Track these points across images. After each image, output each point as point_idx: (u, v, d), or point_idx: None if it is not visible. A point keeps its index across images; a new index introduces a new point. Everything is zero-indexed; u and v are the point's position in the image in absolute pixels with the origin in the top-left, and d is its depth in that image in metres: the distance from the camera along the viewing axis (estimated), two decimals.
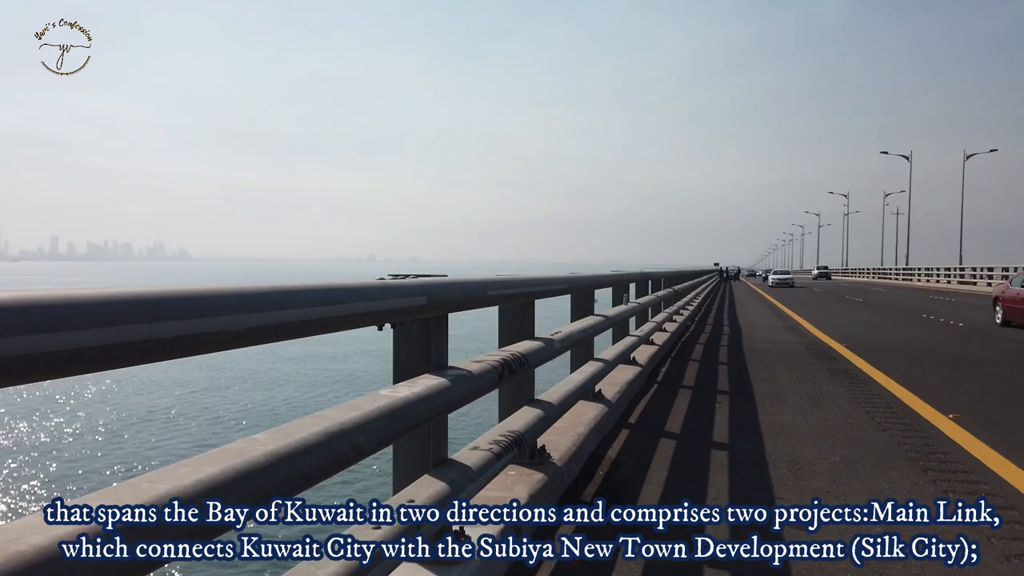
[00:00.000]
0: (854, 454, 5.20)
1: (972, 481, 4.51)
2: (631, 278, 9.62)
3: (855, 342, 12.98)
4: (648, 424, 6.33)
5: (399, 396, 2.38)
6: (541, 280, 4.35)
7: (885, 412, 6.69)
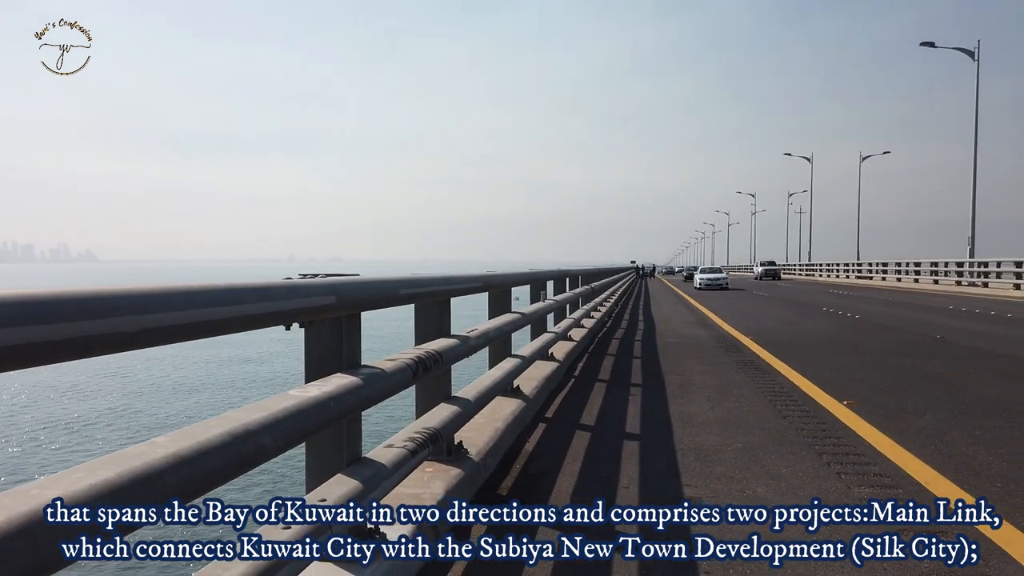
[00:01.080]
0: (756, 440, 5.46)
1: (863, 463, 4.82)
2: (548, 276, 9.77)
3: (760, 335, 13.56)
4: (565, 417, 6.46)
5: (309, 396, 2.37)
6: (456, 279, 4.39)
7: (786, 401, 7.05)
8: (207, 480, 1.73)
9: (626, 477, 4.60)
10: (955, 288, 33.49)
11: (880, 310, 20.69)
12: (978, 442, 5.34)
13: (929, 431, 5.72)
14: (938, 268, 37.93)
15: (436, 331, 4.32)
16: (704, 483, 4.44)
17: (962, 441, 5.38)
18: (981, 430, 5.71)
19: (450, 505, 3.68)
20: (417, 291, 3.57)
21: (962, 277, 34.64)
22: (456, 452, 4.36)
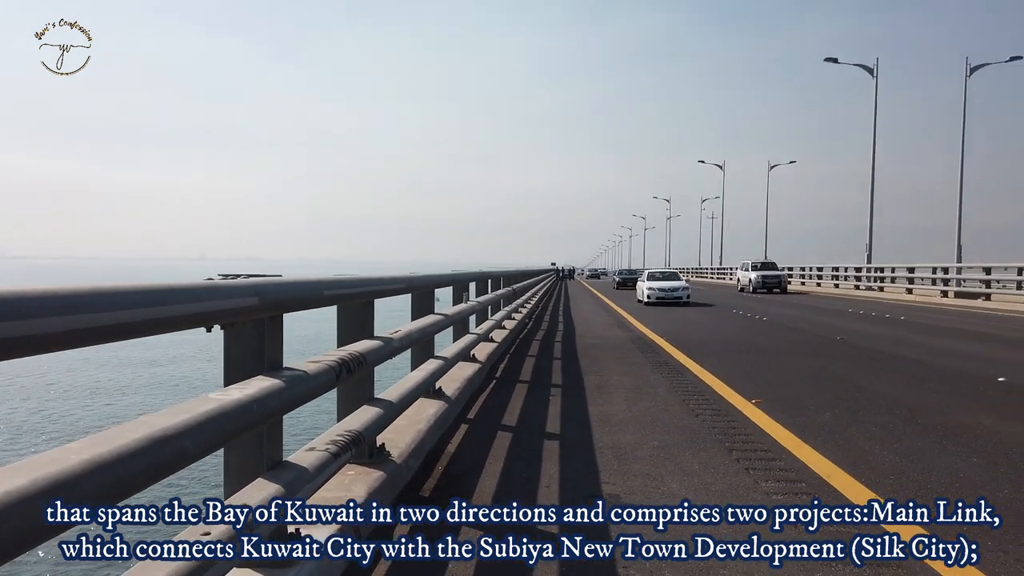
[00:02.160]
0: (671, 439, 5.66)
1: (770, 459, 5.06)
2: (471, 277, 9.81)
3: (675, 336, 14.00)
4: (487, 418, 6.51)
5: (230, 399, 2.33)
6: (379, 280, 4.37)
7: (699, 400, 7.32)
8: (126, 486, 1.69)
9: (547, 476, 4.69)
10: (855, 292, 35.41)
11: (786, 312, 21.68)
12: (873, 438, 5.69)
13: (830, 428, 6.06)
14: (839, 273, 40.03)
15: (359, 333, 4.29)
16: (622, 480, 4.57)
17: (859, 437, 5.72)
18: (876, 426, 6.09)
19: (372, 507, 3.67)
20: (341, 292, 3.55)
21: (860, 282, 36.67)
22: (378, 454, 4.35)
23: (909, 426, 6.12)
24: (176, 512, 2.06)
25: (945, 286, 28.73)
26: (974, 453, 5.20)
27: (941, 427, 6.05)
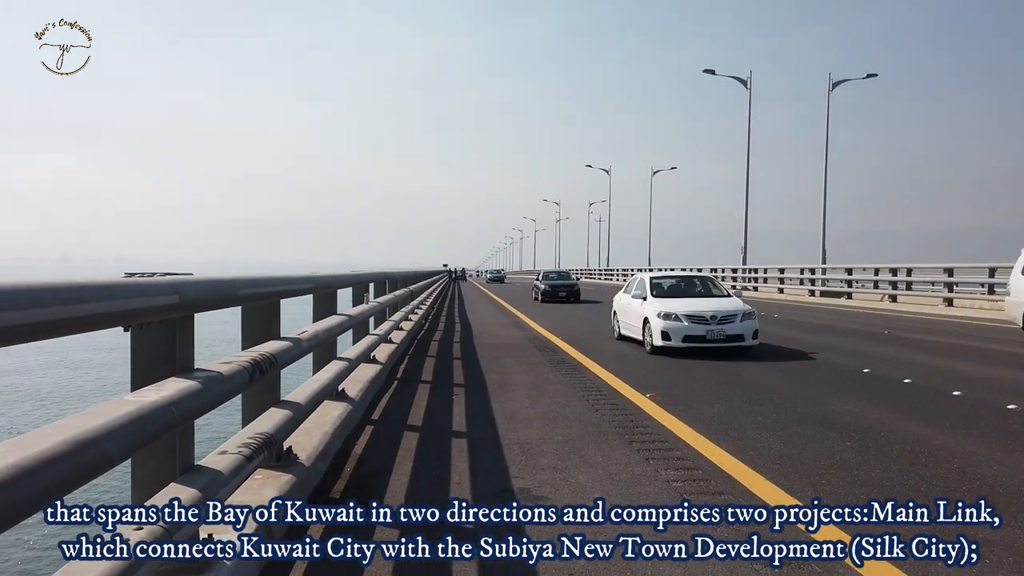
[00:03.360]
0: (574, 433, 5.84)
1: (667, 449, 5.33)
2: (370, 278, 9.70)
3: (569, 335, 14.36)
4: (392, 419, 6.49)
5: (148, 400, 2.25)
6: (289, 279, 4.29)
7: (597, 396, 7.57)
8: (51, 491, 1.61)
9: (457, 473, 4.74)
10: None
11: None
12: (760, 426, 6.09)
13: (720, 418, 6.43)
14: (716, 274, 42.21)
15: (267, 333, 4.19)
16: (531, 474, 4.69)
17: (747, 426, 6.11)
18: (761, 416, 6.52)
19: (285, 509, 3.59)
20: (256, 291, 3.46)
21: (736, 282, 38.82)
22: (286, 457, 4.25)
23: (790, 414, 6.59)
24: (93, 517, 1.98)
25: (812, 286, 30.89)
26: (848, 438, 5.67)
27: (818, 415, 6.55)
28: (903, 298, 24.29)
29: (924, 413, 6.61)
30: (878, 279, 26.02)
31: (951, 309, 21.26)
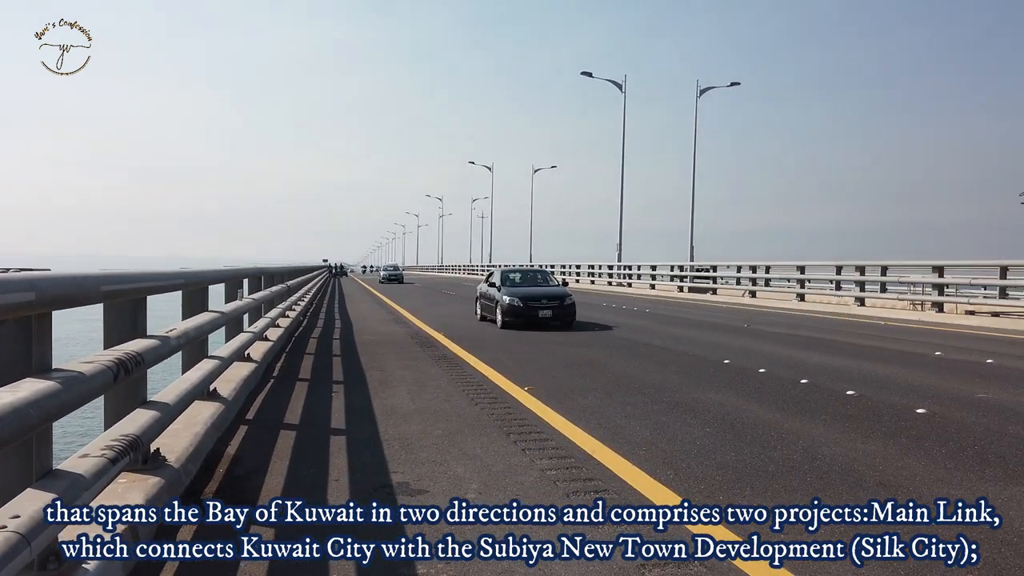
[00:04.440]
0: (454, 427, 5.95)
1: (543, 439, 5.53)
2: (244, 274, 9.39)
3: (451, 331, 14.46)
4: (267, 418, 6.34)
5: (3, 402, 2.15)
6: (156, 275, 4.13)
7: (477, 389, 7.72)
8: None
9: (336, 470, 4.73)
10: (608, 288, 38.81)
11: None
12: (629, 416, 6.43)
13: (592, 408, 6.73)
14: (594, 270, 43.62)
15: (131, 331, 4.02)
16: (411, 468, 4.75)
17: (617, 415, 6.43)
18: (630, 406, 6.87)
19: (152, 513, 3.48)
20: (119, 288, 3.32)
21: (612, 278, 40.29)
22: (153, 460, 4.10)
23: (657, 403, 6.98)
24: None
25: (681, 282, 32.55)
26: (707, 424, 6.10)
27: (682, 403, 6.99)
28: (762, 294, 26.07)
29: (775, 400, 7.19)
30: (740, 276, 27.77)
31: (803, 304, 23.03)
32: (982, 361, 10.35)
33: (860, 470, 4.75)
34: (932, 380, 8.54)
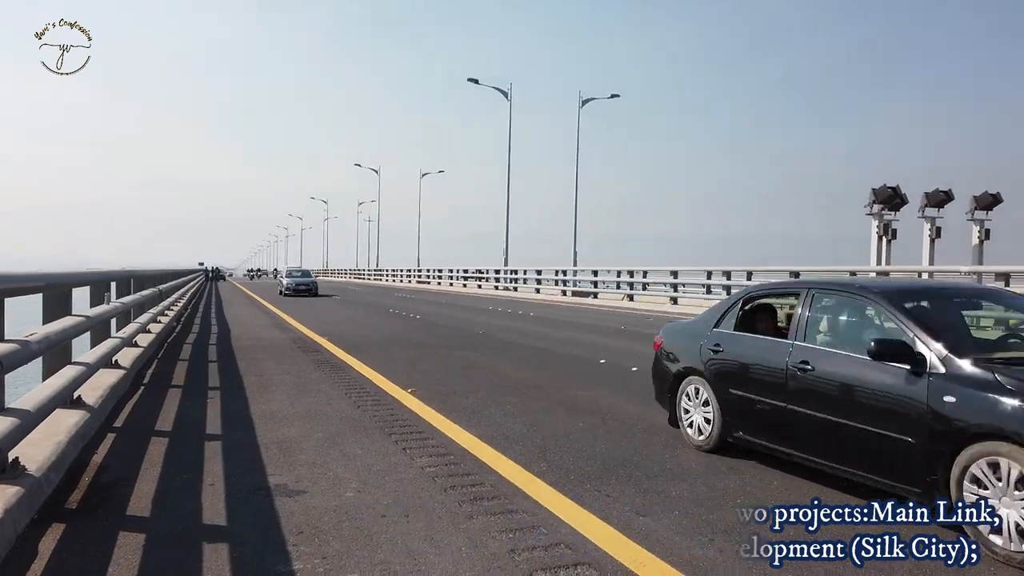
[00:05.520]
0: (335, 429, 5.98)
1: (424, 438, 5.67)
2: (112, 277, 8.97)
3: (335, 335, 14.29)
4: (137, 426, 6.13)
5: None
6: (14, 276, 3.97)
7: (360, 393, 7.75)
8: None
9: (211, 475, 4.68)
10: (495, 292, 39.28)
11: (436, 311, 23.33)
12: (508, 413, 6.67)
13: (473, 408, 6.93)
14: (482, 275, 44.05)
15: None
16: (289, 471, 4.77)
17: (497, 414, 6.66)
18: (510, 404, 7.13)
19: (11, 524, 3.37)
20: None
21: (499, 283, 40.83)
22: (12, 469, 3.94)
23: (536, 402, 7.27)
24: None
25: (565, 286, 33.46)
26: (581, 420, 6.43)
27: (559, 401, 7.31)
28: (639, 297, 27.26)
29: (645, 396, 7.61)
30: (619, 280, 28.91)
31: (676, 307, 24.28)
32: None
33: (714, 458, 5.19)
34: None
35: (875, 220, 23.40)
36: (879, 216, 23.29)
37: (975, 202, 24.05)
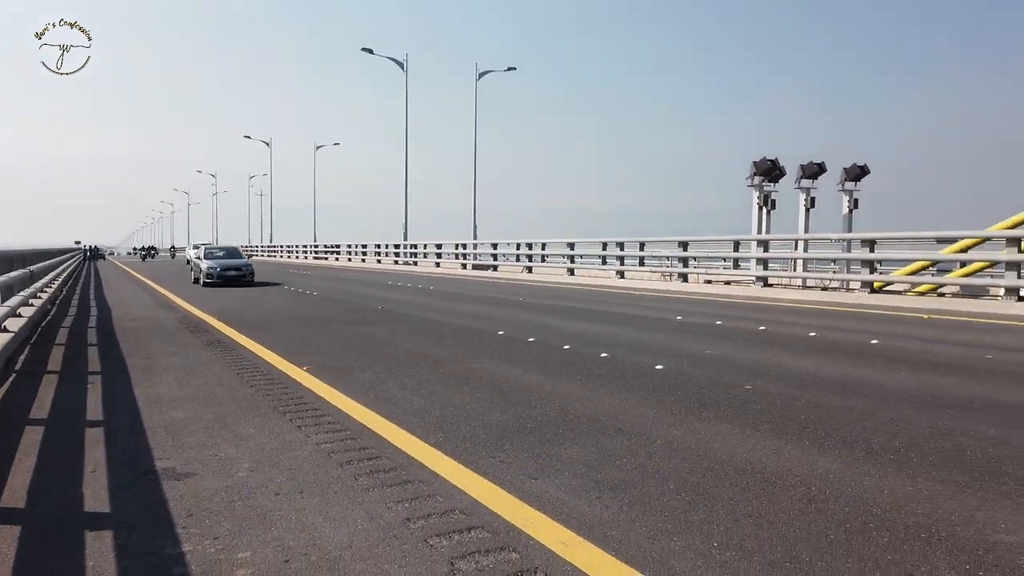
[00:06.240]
0: (226, 410, 5.85)
1: (320, 415, 5.64)
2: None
3: (226, 314, 13.83)
4: (8, 416, 5.79)
5: None
6: None
7: (253, 372, 7.58)
8: None
9: (92, 462, 4.50)
10: (395, 267, 38.92)
11: (334, 286, 22.92)
12: (406, 387, 6.71)
13: (371, 383, 6.93)
14: (381, 250, 43.48)
15: None
16: (177, 453, 4.65)
17: (395, 388, 6.69)
18: (408, 378, 7.16)
19: None
20: None
21: (399, 257, 40.44)
22: None
23: (434, 374, 7.35)
24: None
25: (465, 260, 33.55)
26: (478, 391, 6.56)
27: (457, 374, 7.41)
28: (538, 269, 27.72)
29: (541, 365, 7.87)
30: (519, 252, 29.26)
31: (573, 278, 24.87)
32: (712, 323, 11.99)
33: (603, 420, 5.44)
34: (671, 340, 9.79)
35: (756, 191, 24.63)
36: (760, 187, 24.54)
37: (845, 174, 25.74)
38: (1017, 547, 3.13)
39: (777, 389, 6.49)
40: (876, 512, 3.55)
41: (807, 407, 5.79)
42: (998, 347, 9.00)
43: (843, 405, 5.87)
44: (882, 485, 3.94)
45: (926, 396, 6.16)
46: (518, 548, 3.18)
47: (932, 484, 3.94)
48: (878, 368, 7.53)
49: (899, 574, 2.90)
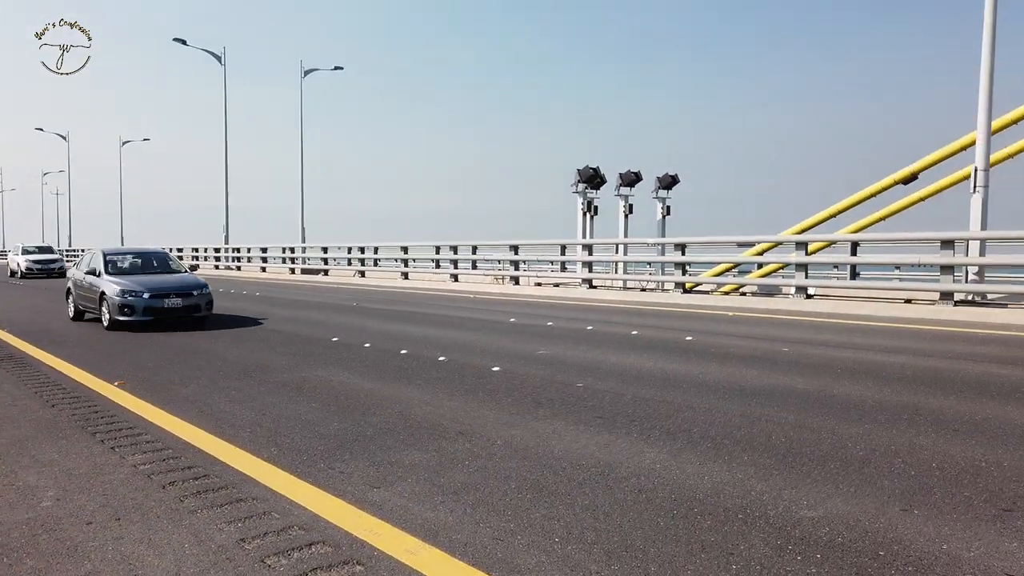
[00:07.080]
0: (24, 433, 5.22)
1: (136, 434, 5.19)
2: None
3: (15, 325, 12.35)
4: None
5: None
6: None
7: (54, 389, 6.82)
8: None
9: None
10: (216, 272, 36.59)
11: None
12: (233, 400, 6.34)
13: (194, 397, 6.47)
14: (199, 253, 40.70)
15: None
16: None
17: (221, 401, 6.30)
18: (236, 391, 6.77)
19: None
20: None
21: (220, 261, 38.09)
22: None
23: (264, 386, 6.99)
24: None
25: (293, 264, 32.27)
26: (313, 400, 6.33)
27: (289, 383, 7.11)
28: (371, 273, 27.28)
29: (378, 371, 7.75)
30: (351, 256, 28.62)
31: (408, 282, 24.74)
32: (544, 324, 12.41)
33: (444, 423, 5.46)
34: (506, 342, 10.02)
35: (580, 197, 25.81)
36: (583, 194, 25.74)
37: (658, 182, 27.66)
38: (818, 521, 3.52)
39: (606, 386, 6.84)
40: (699, 497, 3.85)
41: (633, 401, 6.15)
42: (792, 340, 10.06)
43: (665, 398, 6.30)
44: (702, 472, 4.28)
45: (735, 387, 6.76)
46: (362, 560, 3.11)
47: (745, 468, 4.34)
48: (693, 362, 8.16)
49: (721, 554, 3.17)
